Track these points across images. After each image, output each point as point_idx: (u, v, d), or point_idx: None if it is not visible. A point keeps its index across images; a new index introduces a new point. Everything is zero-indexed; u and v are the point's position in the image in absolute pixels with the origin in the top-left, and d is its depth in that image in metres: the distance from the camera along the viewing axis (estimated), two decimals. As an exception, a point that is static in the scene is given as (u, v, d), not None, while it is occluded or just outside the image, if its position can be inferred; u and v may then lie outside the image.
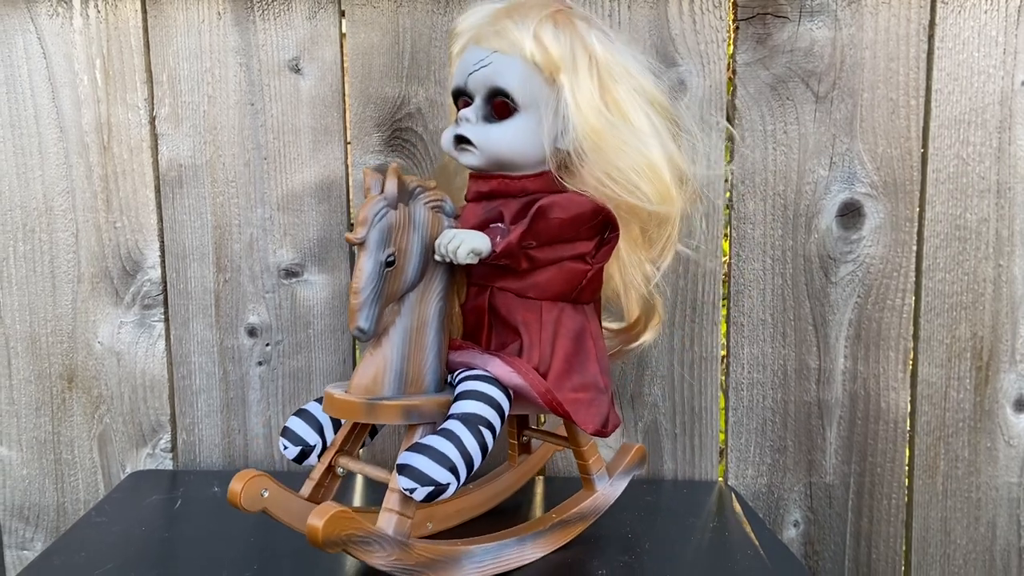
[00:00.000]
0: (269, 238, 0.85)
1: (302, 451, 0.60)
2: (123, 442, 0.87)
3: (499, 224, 0.59)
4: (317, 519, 0.50)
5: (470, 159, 0.61)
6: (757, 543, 0.68)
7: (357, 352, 0.86)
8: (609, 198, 0.59)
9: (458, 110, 0.62)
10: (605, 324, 0.69)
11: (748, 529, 0.71)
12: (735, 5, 0.81)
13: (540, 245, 0.58)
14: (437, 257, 0.56)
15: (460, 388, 0.57)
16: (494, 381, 0.57)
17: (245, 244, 0.85)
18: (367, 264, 0.53)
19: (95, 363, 0.86)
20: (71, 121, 0.84)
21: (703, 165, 0.64)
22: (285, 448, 0.60)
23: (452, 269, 0.59)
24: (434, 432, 0.54)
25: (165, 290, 0.86)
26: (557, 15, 0.59)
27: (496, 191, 0.61)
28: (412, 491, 0.52)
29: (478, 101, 0.60)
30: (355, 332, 0.53)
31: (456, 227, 0.59)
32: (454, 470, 0.52)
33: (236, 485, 0.55)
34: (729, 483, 0.86)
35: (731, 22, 0.81)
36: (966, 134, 0.81)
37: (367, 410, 0.55)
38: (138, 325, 0.86)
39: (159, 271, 0.85)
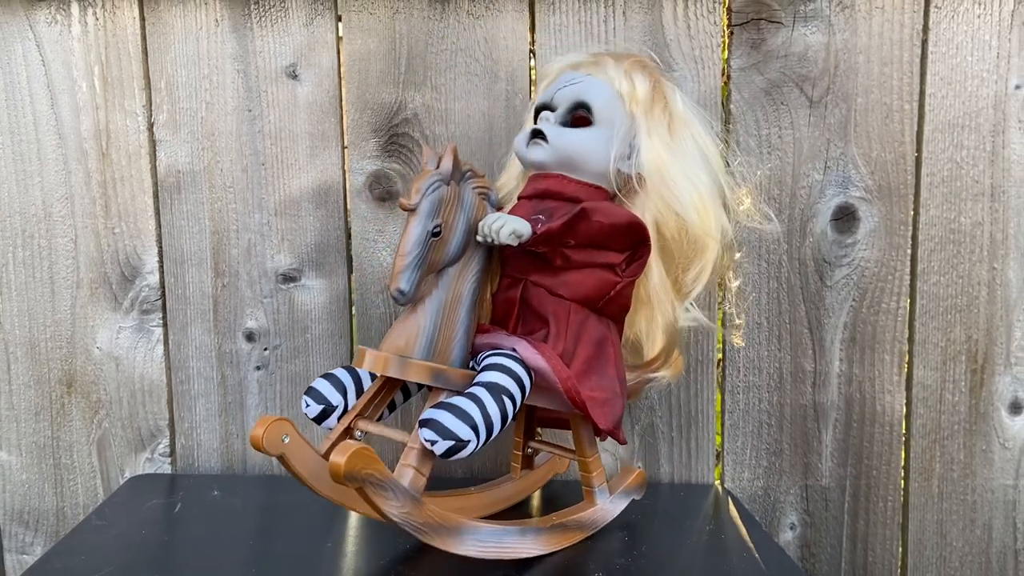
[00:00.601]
0: (267, 243, 0.85)
1: (324, 410, 0.62)
2: (122, 447, 0.88)
3: (541, 216, 0.62)
4: (340, 455, 0.51)
5: (539, 153, 0.64)
6: (753, 546, 0.68)
7: (354, 356, 0.86)
8: (656, 219, 0.64)
9: (534, 123, 0.66)
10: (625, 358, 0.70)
11: (744, 532, 0.71)
12: (729, 10, 0.81)
13: (576, 245, 0.61)
14: (479, 238, 0.59)
15: (485, 362, 0.58)
16: (519, 360, 0.59)
17: (243, 249, 0.85)
18: (415, 230, 0.56)
19: (94, 368, 0.87)
20: (70, 128, 0.84)
21: (745, 219, 0.71)
22: (307, 406, 0.62)
23: (490, 254, 0.62)
24: (459, 394, 0.56)
25: (163, 295, 0.86)
26: (648, 66, 0.68)
27: (552, 189, 0.64)
28: (433, 443, 0.53)
29: (560, 111, 0.65)
30: (395, 293, 0.56)
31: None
32: (476, 429, 0.54)
33: (258, 429, 0.57)
34: (725, 486, 0.87)
35: (725, 27, 0.82)
36: (960, 138, 0.82)
37: (398, 365, 0.57)
38: (137, 330, 0.86)
39: (157, 276, 0.86)
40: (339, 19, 0.83)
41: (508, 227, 0.57)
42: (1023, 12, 0.80)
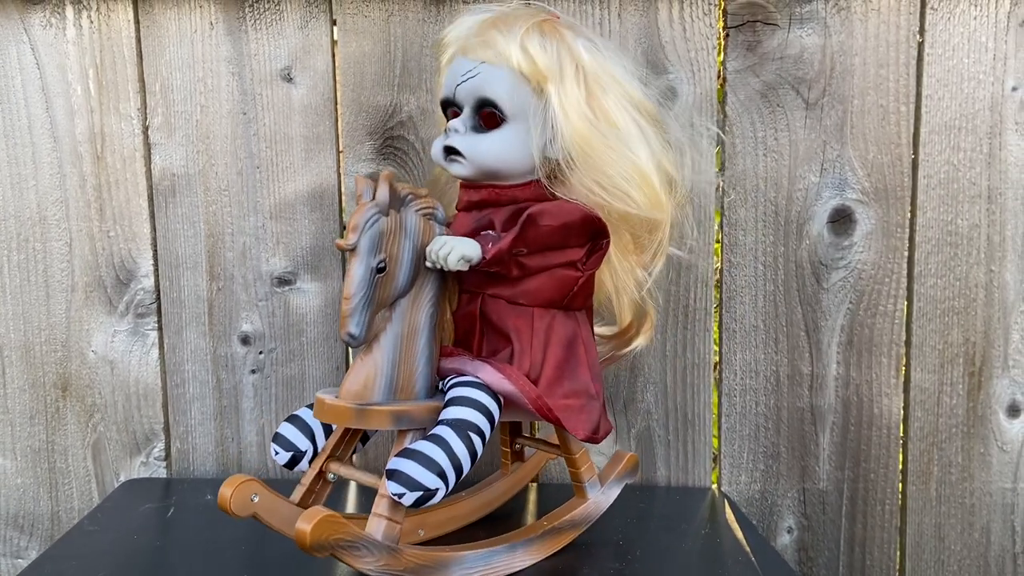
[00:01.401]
0: (262, 246, 0.85)
1: (293, 456, 0.60)
2: (117, 450, 0.88)
3: (490, 232, 0.60)
4: (305, 523, 0.51)
5: (459, 169, 0.61)
6: (749, 550, 0.68)
7: (350, 360, 0.86)
8: (599, 205, 0.60)
9: (447, 120, 0.62)
10: (597, 330, 0.69)
11: (741, 536, 0.71)
12: (725, 12, 0.81)
13: (531, 252, 0.59)
14: (428, 264, 0.57)
15: (451, 394, 0.57)
16: (485, 387, 0.57)
17: (238, 253, 0.85)
18: (358, 270, 0.53)
19: (89, 372, 0.87)
20: (64, 131, 0.84)
21: (691, 170, 0.64)
22: (276, 454, 0.61)
23: (443, 276, 0.60)
24: (424, 437, 0.54)
25: (158, 299, 0.86)
26: (544, 24, 0.60)
27: (486, 200, 0.62)
28: (401, 496, 0.53)
29: (466, 112, 0.60)
30: (345, 338, 0.54)
31: (448, 234, 0.59)
32: (443, 475, 0.53)
33: (226, 490, 0.56)
34: (722, 489, 0.86)
35: (721, 29, 0.81)
36: (957, 140, 0.81)
37: (357, 415, 0.56)
38: (131, 334, 0.86)
39: (152, 280, 0.86)
40: (334, 22, 0.83)
41: (456, 253, 0.55)
42: (1019, 14, 0.80)
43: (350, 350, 0.86)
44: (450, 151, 0.61)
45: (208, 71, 0.83)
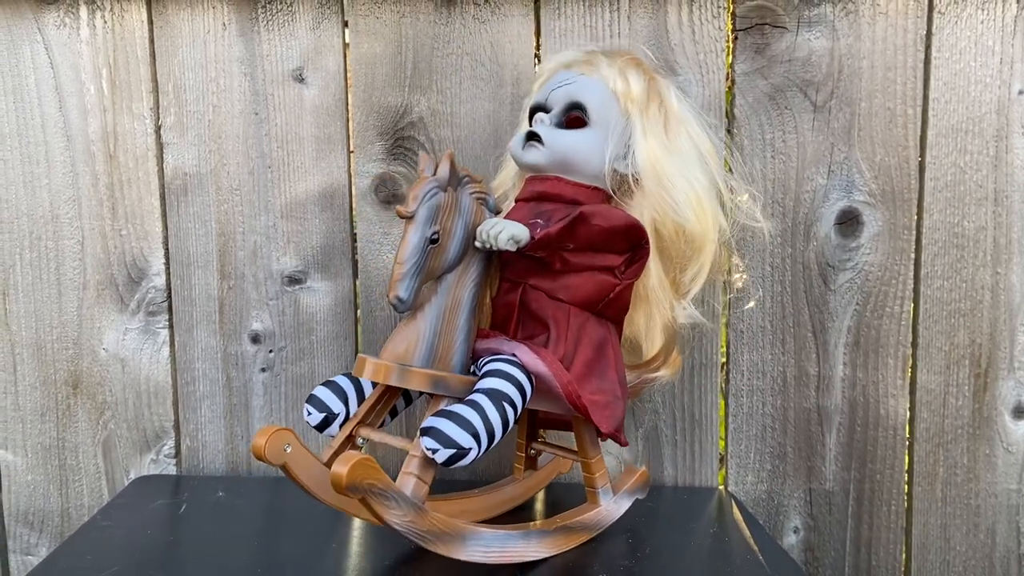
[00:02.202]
0: (273, 246, 0.85)
1: (325, 418, 0.62)
2: (127, 448, 0.88)
3: (539, 220, 0.62)
4: (342, 465, 0.51)
5: (535, 155, 0.64)
6: (757, 549, 0.68)
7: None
8: (653, 221, 0.64)
9: (530, 125, 0.66)
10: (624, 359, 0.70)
11: (748, 535, 0.71)
12: (734, 15, 0.82)
13: (575, 249, 0.61)
14: (477, 243, 0.59)
15: (486, 368, 0.59)
16: (519, 365, 0.59)
17: (249, 251, 0.86)
18: (413, 237, 0.56)
19: (100, 369, 0.87)
20: (77, 130, 0.85)
21: (744, 215, 0.70)
22: (309, 414, 0.62)
23: (488, 260, 0.62)
24: (460, 401, 0.56)
25: (169, 297, 0.87)
26: (643, 64, 0.67)
27: (550, 192, 0.64)
28: (435, 452, 0.53)
29: (555, 111, 0.65)
30: (393, 300, 0.56)
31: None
32: (477, 437, 0.54)
33: (260, 439, 0.57)
34: (729, 489, 0.87)
35: (730, 32, 0.82)
36: (963, 143, 0.82)
37: (399, 373, 0.57)
38: (143, 332, 0.87)
39: (164, 278, 0.86)
40: (346, 24, 0.83)
41: (506, 233, 0.57)
42: (1026, 18, 0.81)
43: (360, 348, 0.86)
44: (532, 137, 0.64)
45: (220, 71, 0.84)
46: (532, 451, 0.75)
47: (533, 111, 0.67)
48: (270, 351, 0.87)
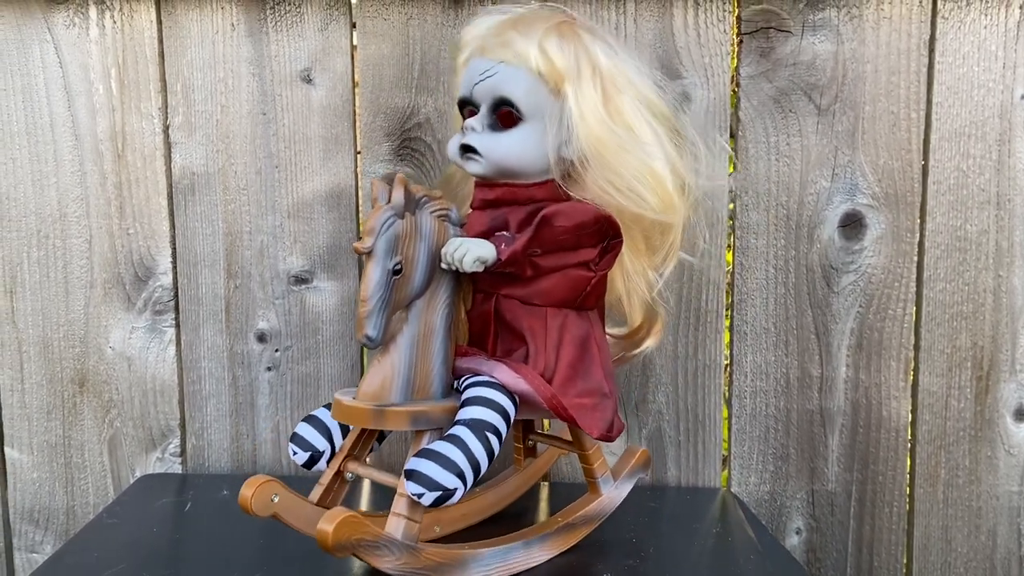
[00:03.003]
0: (279, 245, 0.86)
1: (311, 457, 0.61)
2: (133, 446, 0.88)
3: (504, 232, 0.60)
4: (327, 524, 0.51)
5: (476, 168, 0.61)
6: (760, 549, 0.69)
7: (365, 359, 0.87)
8: (613, 206, 0.60)
9: (463, 119, 0.63)
10: (608, 330, 0.70)
11: (751, 535, 0.72)
12: (739, 19, 0.82)
13: (544, 252, 0.59)
14: (443, 265, 0.57)
15: (467, 394, 0.58)
16: (500, 387, 0.58)
17: (256, 251, 0.86)
18: (375, 273, 0.54)
19: (106, 368, 0.88)
20: (86, 129, 0.85)
21: (705, 175, 0.65)
22: (295, 454, 0.61)
23: (458, 277, 0.60)
24: (441, 438, 0.55)
25: (176, 296, 0.87)
26: (562, 26, 0.60)
27: (501, 199, 0.62)
28: (420, 496, 0.53)
29: (483, 111, 0.61)
30: (363, 340, 0.54)
31: (462, 235, 0.60)
32: (461, 476, 0.53)
33: (247, 491, 0.56)
34: (732, 490, 0.87)
35: (735, 36, 0.83)
36: (966, 147, 0.83)
37: (375, 416, 0.56)
38: (149, 330, 0.87)
39: (171, 277, 0.87)
40: (354, 25, 0.84)
41: (471, 255, 0.55)
42: (1029, 23, 0.81)
43: (365, 349, 0.87)
44: (467, 149, 0.61)
45: (229, 71, 0.84)
46: (530, 442, 0.76)
47: (461, 105, 0.63)
48: (276, 350, 0.87)
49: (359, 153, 0.85)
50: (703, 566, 0.67)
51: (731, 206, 0.84)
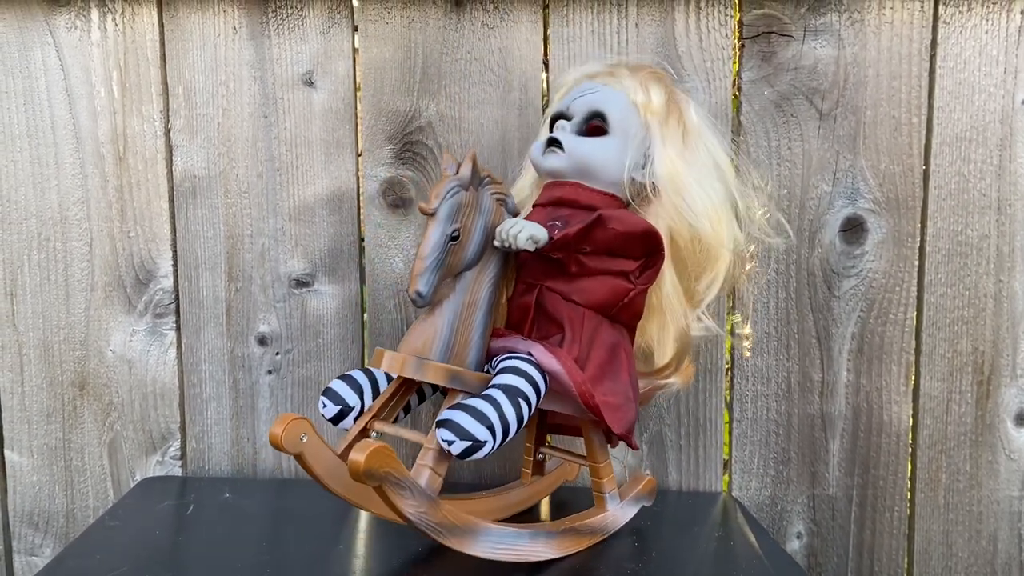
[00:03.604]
0: (280, 248, 0.86)
1: (340, 411, 0.62)
2: (133, 449, 0.88)
3: (557, 222, 0.62)
4: (360, 452, 0.52)
5: (555, 161, 0.65)
6: (761, 553, 0.69)
7: (366, 361, 0.87)
8: (670, 229, 0.65)
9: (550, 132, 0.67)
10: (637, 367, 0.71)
11: (752, 539, 0.72)
12: (740, 24, 0.83)
13: (592, 252, 0.61)
14: (496, 243, 0.60)
15: (501, 365, 0.59)
16: (535, 363, 0.59)
17: (257, 254, 0.86)
18: (434, 234, 0.57)
19: (107, 371, 0.87)
20: (87, 132, 0.85)
21: (757, 228, 0.71)
22: (324, 406, 0.62)
23: (506, 260, 0.63)
24: (476, 396, 0.56)
25: (177, 299, 0.87)
26: (664, 78, 0.69)
27: (567, 197, 0.65)
28: (451, 443, 0.54)
29: (576, 119, 0.66)
30: (413, 295, 0.56)
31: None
32: (492, 429, 0.54)
33: (277, 428, 0.57)
34: (733, 494, 0.87)
35: (736, 40, 0.83)
36: (967, 152, 0.83)
37: (416, 366, 0.58)
38: (150, 333, 0.87)
39: (171, 280, 0.86)
40: (355, 28, 0.84)
41: (525, 232, 0.58)
42: (1030, 28, 0.81)
43: (366, 351, 0.87)
44: (552, 143, 0.65)
45: (230, 75, 0.84)
46: (540, 455, 0.76)
47: (554, 119, 0.68)
48: (277, 353, 0.87)
49: (360, 156, 0.85)
50: (704, 570, 0.67)
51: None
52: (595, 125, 0.65)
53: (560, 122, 0.67)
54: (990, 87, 0.82)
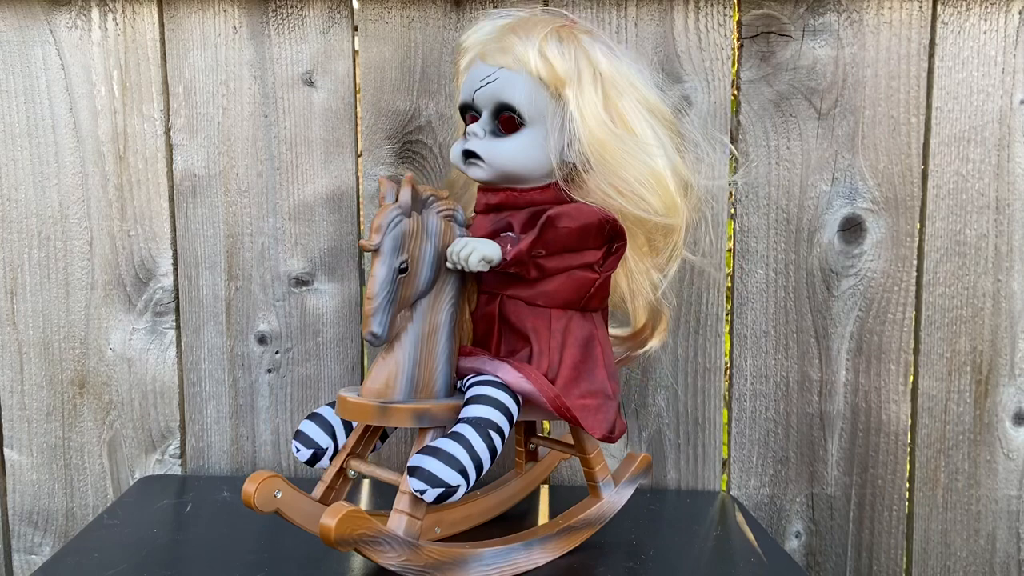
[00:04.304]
0: (280, 247, 0.86)
1: (314, 454, 0.61)
2: (132, 448, 0.88)
3: (509, 233, 0.61)
4: (330, 518, 0.52)
5: (478, 173, 0.62)
6: (760, 552, 0.69)
7: (366, 360, 0.87)
8: (616, 208, 0.61)
9: (465, 124, 0.63)
10: (612, 331, 0.70)
11: (751, 538, 0.72)
12: (739, 23, 0.83)
13: (549, 254, 0.60)
14: (449, 264, 0.57)
15: (470, 393, 0.58)
16: (504, 387, 0.58)
17: (256, 253, 0.86)
18: (381, 270, 0.54)
19: (106, 369, 0.88)
20: (88, 131, 0.85)
21: (706, 175, 0.66)
22: (298, 451, 0.62)
23: (463, 277, 0.61)
24: (445, 435, 0.55)
25: (177, 298, 0.87)
26: (562, 30, 0.61)
27: (504, 203, 0.63)
28: (423, 492, 0.53)
29: (485, 116, 0.62)
30: (368, 337, 0.55)
31: (468, 236, 0.60)
32: (464, 472, 0.53)
33: (250, 486, 0.57)
34: (732, 493, 0.87)
35: (735, 40, 0.83)
36: (966, 151, 0.83)
37: (379, 413, 0.56)
38: (150, 332, 0.87)
39: (171, 279, 0.87)
40: (355, 28, 0.84)
41: (477, 254, 0.55)
42: (1028, 29, 0.82)
43: (366, 349, 0.87)
44: (469, 155, 0.62)
45: (231, 74, 0.85)
46: (531, 446, 0.76)
47: (463, 110, 0.64)
48: (276, 352, 0.87)
49: (360, 156, 0.85)
50: (703, 569, 0.67)
51: (732, 209, 0.84)
52: (507, 118, 0.61)
53: (471, 127, 0.62)
54: (988, 87, 0.82)
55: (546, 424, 0.85)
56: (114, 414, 0.88)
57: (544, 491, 0.83)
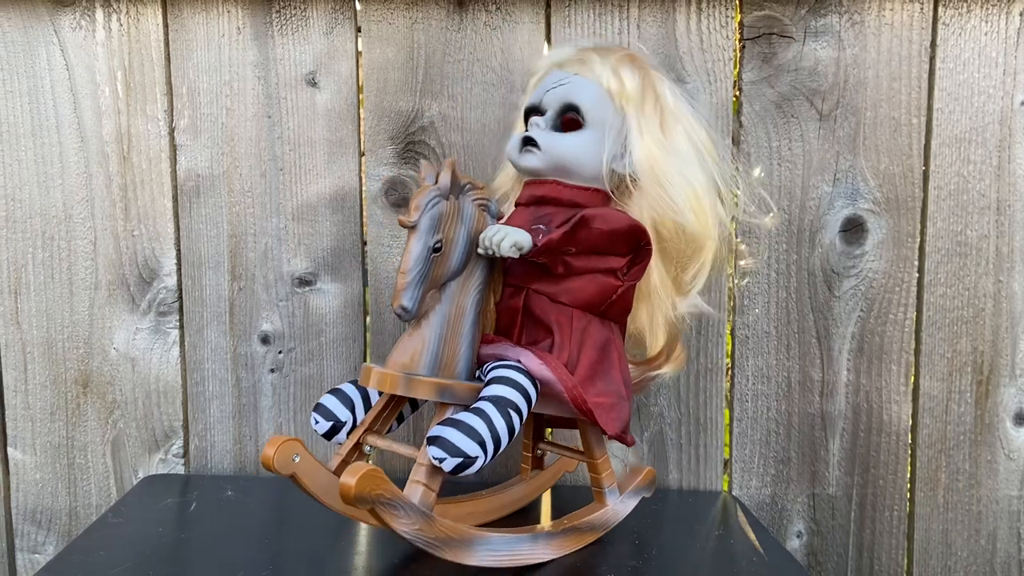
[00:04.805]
0: (283, 247, 0.86)
1: (333, 426, 0.62)
2: (136, 447, 0.89)
3: (541, 225, 0.62)
4: (351, 476, 0.52)
5: (532, 160, 0.64)
6: (762, 551, 0.69)
7: (368, 359, 0.87)
8: (653, 220, 0.64)
9: (526, 127, 0.66)
10: (629, 358, 0.71)
11: (753, 538, 0.72)
12: (741, 25, 0.83)
13: (578, 252, 0.61)
14: (480, 250, 0.59)
15: (491, 375, 0.59)
16: (524, 371, 0.59)
17: (260, 253, 0.86)
18: (416, 247, 0.56)
19: (110, 369, 0.88)
20: (92, 131, 0.85)
21: (741, 213, 0.71)
22: (316, 423, 0.62)
23: (491, 266, 0.62)
24: (466, 410, 0.56)
25: (180, 297, 0.87)
26: (636, 59, 0.67)
27: (549, 196, 0.64)
28: (441, 461, 0.54)
29: (550, 114, 0.65)
30: (398, 310, 0.56)
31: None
32: (483, 445, 0.54)
33: (269, 449, 0.58)
34: (733, 493, 0.87)
35: (737, 41, 0.83)
36: (967, 152, 0.83)
37: (404, 383, 0.57)
38: (153, 332, 0.88)
39: (175, 279, 0.87)
40: (359, 29, 0.84)
41: (508, 240, 0.57)
42: (1029, 30, 0.82)
43: (368, 349, 0.87)
44: (527, 142, 0.64)
45: (234, 75, 0.85)
46: (538, 451, 0.76)
47: (528, 113, 0.67)
48: (279, 352, 0.87)
49: (363, 156, 0.86)
50: (704, 568, 0.67)
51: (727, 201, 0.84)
52: (570, 118, 0.64)
53: (534, 118, 0.65)
54: (989, 88, 0.83)
55: (548, 431, 0.85)
56: (117, 413, 0.88)
57: (547, 491, 0.83)
